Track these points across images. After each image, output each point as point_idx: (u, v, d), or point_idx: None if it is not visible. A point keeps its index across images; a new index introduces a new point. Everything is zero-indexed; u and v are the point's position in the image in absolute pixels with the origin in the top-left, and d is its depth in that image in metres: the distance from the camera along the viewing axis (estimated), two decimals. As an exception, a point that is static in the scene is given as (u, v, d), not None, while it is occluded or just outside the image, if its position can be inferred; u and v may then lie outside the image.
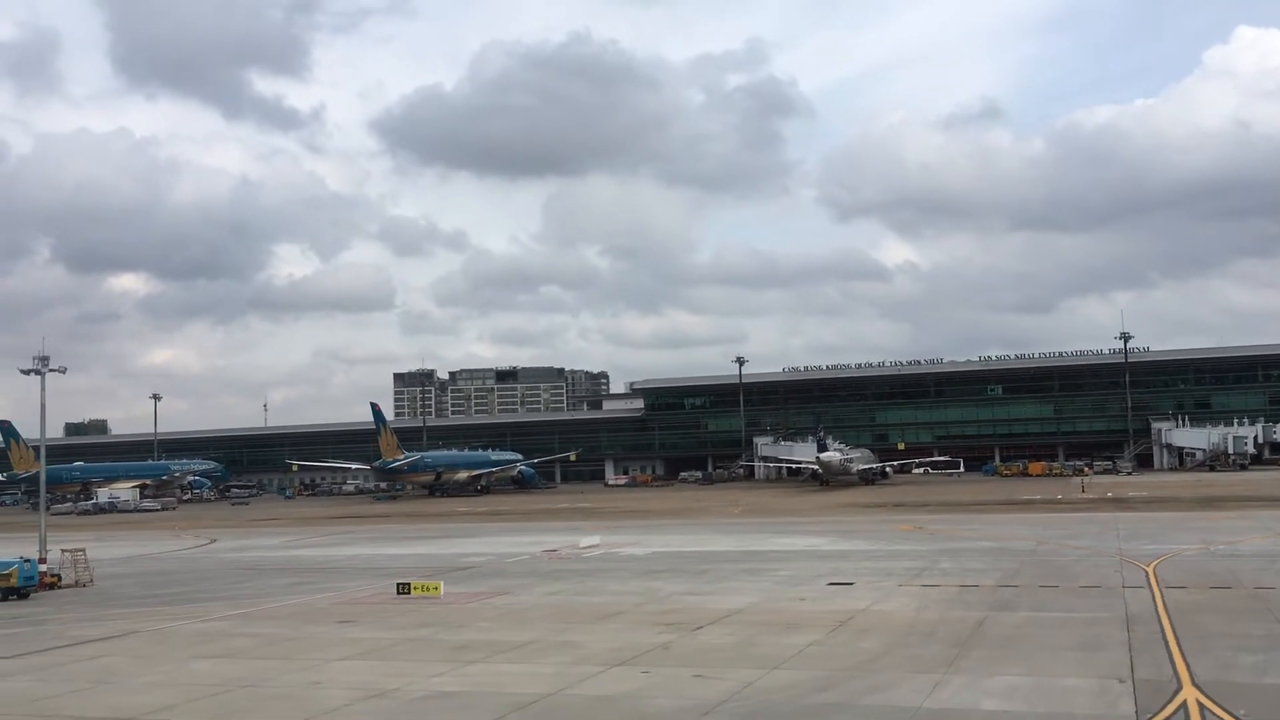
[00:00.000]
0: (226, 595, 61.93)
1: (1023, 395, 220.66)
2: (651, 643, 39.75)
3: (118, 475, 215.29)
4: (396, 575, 68.10)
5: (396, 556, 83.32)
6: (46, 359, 70.66)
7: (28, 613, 57.50)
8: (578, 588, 58.40)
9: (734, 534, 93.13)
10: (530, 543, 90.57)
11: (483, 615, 49.14)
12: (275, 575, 72.72)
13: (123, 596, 63.55)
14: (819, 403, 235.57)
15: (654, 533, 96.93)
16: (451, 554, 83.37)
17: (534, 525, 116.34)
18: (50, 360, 70.74)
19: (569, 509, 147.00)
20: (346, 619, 49.50)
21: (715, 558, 72.23)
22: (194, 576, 74.39)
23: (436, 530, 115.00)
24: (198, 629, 48.76)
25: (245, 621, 50.43)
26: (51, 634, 48.75)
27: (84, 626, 50.85)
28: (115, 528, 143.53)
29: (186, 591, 65.18)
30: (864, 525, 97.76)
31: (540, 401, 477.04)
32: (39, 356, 70.62)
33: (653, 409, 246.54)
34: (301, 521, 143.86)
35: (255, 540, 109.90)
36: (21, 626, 52.10)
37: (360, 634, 45.20)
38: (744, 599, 50.93)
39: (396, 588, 57.63)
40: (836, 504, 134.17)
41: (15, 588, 63.52)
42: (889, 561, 65.62)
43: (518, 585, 60.56)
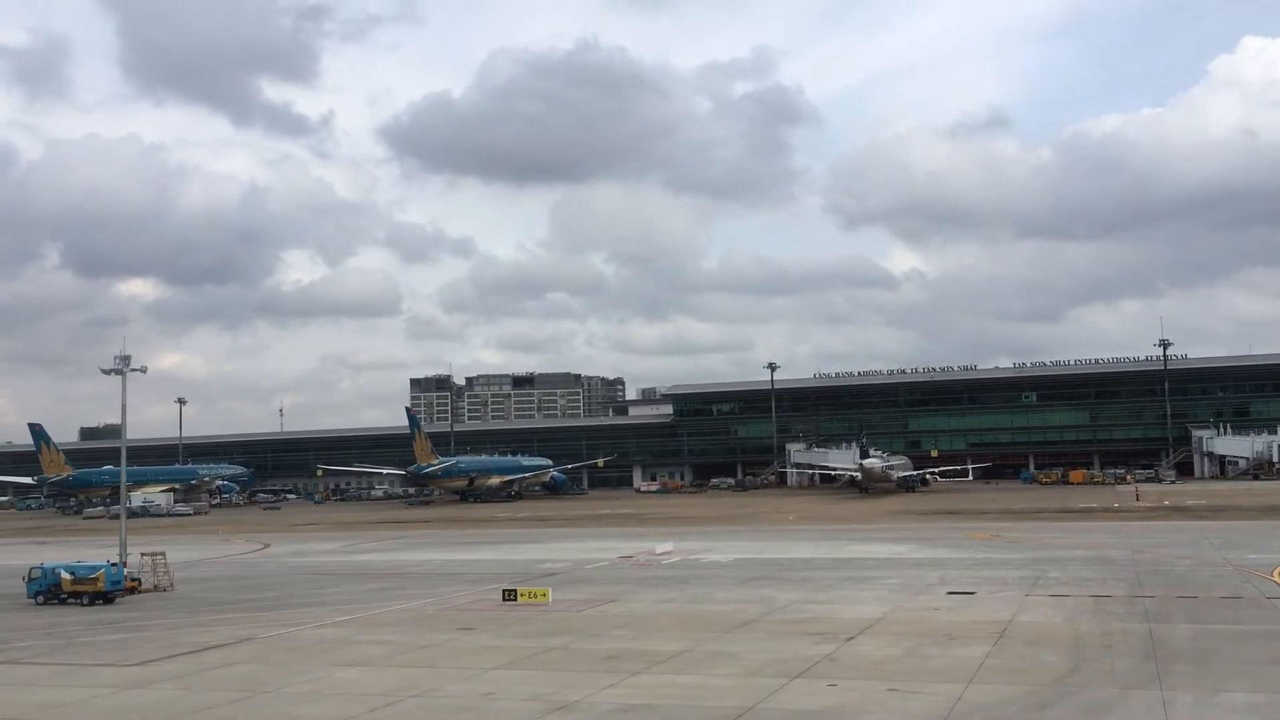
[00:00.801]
0: (318, 601, 60.53)
1: (1057, 402, 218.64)
2: (812, 653, 38.26)
3: (146, 479, 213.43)
4: (479, 581, 67.20)
5: (470, 562, 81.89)
6: (128, 358, 69.48)
7: (121, 618, 56.07)
8: (685, 595, 56.93)
9: (807, 540, 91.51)
10: (599, 548, 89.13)
11: (607, 624, 47.64)
12: (354, 581, 71.20)
13: (210, 601, 62.09)
14: (850, 409, 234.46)
15: (721, 539, 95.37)
16: (526, 560, 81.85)
17: (591, 531, 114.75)
18: (131, 360, 69.26)
19: (612, 514, 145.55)
20: (465, 626, 48.04)
21: (805, 565, 70.69)
22: (271, 582, 72.93)
23: (495, 535, 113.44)
24: (314, 635, 47.34)
25: (361, 628, 48.95)
26: (163, 640, 47.29)
27: (191, 632, 49.44)
28: (156, 532, 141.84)
29: (273, 597, 63.73)
30: (933, 533, 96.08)
31: (557, 407, 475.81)
32: (120, 356, 69.40)
33: (682, 415, 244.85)
34: (342, 526, 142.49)
35: (310, 545, 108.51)
36: (123, 632, 50.71)
37: (491, 642, 43.77)
38: (872, 608, 49.40)
39: (502, 594, 56.15)
40: (888, 511, 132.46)
41: (102, 592, 62.15)
42: (992, 570, 64.05)
43: (621, 592, 59.05)
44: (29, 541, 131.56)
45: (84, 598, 62.02)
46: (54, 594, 62.96)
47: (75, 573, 63.03)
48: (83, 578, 62.57)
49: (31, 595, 63.53)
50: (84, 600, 61.90)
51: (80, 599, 62.07)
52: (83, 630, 51.73)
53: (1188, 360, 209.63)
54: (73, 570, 63.39)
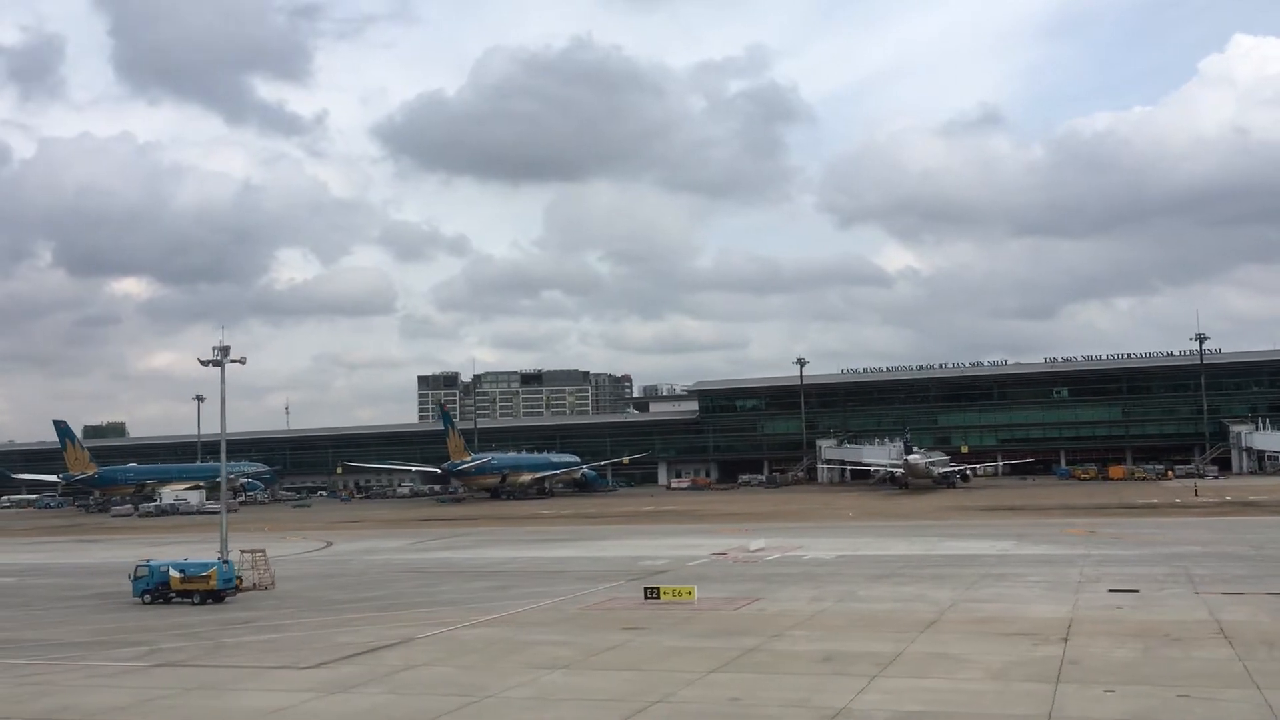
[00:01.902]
0: (439, 599, 58.52)
1: (1089, 398, 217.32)
2: (1043, 655, 36.58)
3: (171, 476, 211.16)
4: (591, 579, 65.39)
5: (562, 559, 79.92)
6: (227, 349, 67.54)
7: (247, 616, 53.99)
8: (829, 593, 55.00)
9: (896, 537, 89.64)
10: (685, 545, 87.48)
11: (778, 623, 45.74)
12: (456, 579, 69.05)
13: (324, 600, 60.02)
14: (878, 405, 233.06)
15: (804, 536, 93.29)
16: (622, 556, 79.86)
17: (658, 528, 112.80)
18: (231, 351, 67.19)
19: (659, 511, 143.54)
20: (631, 626, 46.05)
21: (922, 562, 68.90)
22: (369, 580, 70.85)
23: (558, 533, 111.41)
24: (478, 635, 45.36)
25: (519, 628, 46.93)
26: (316, 641, 45.24)
27: (340, 632, 47.45)
28: (197, 529, 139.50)
29: (386, 595, 61.65)
30: (1021, 529, 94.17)
31: (565, 405, 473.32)
32: (219, 347, 67.38)
33: (707, 411, 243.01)
34: (389, 524, 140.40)
35: (375, 543, 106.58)
36: (263, 632, 48.65)
37: (675, 642, 41.86)
38: (1050, 607, 47.66)
39: (644, 592, 54.15)
40: (945, 507, 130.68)
41: (214, 590, 60.02)
42: (1129, 567, 62.39)
43: (758, 590, 57.26)
44: (71, 540, 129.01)
45: (195, 596, 59.91)
46: (161, 593, 60.85)
47: (185, 571, 60.90)
48: (193, 576, 60.44)
49: (138, 594, 61.41)
50: (195, 599, 59.79)
51: (191, 598, 59.96)
52: (217, 630, 49.63)
53: (1222, 355, 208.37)
54: (182, 568, 61.25)
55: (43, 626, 53.48)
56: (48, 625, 53.85)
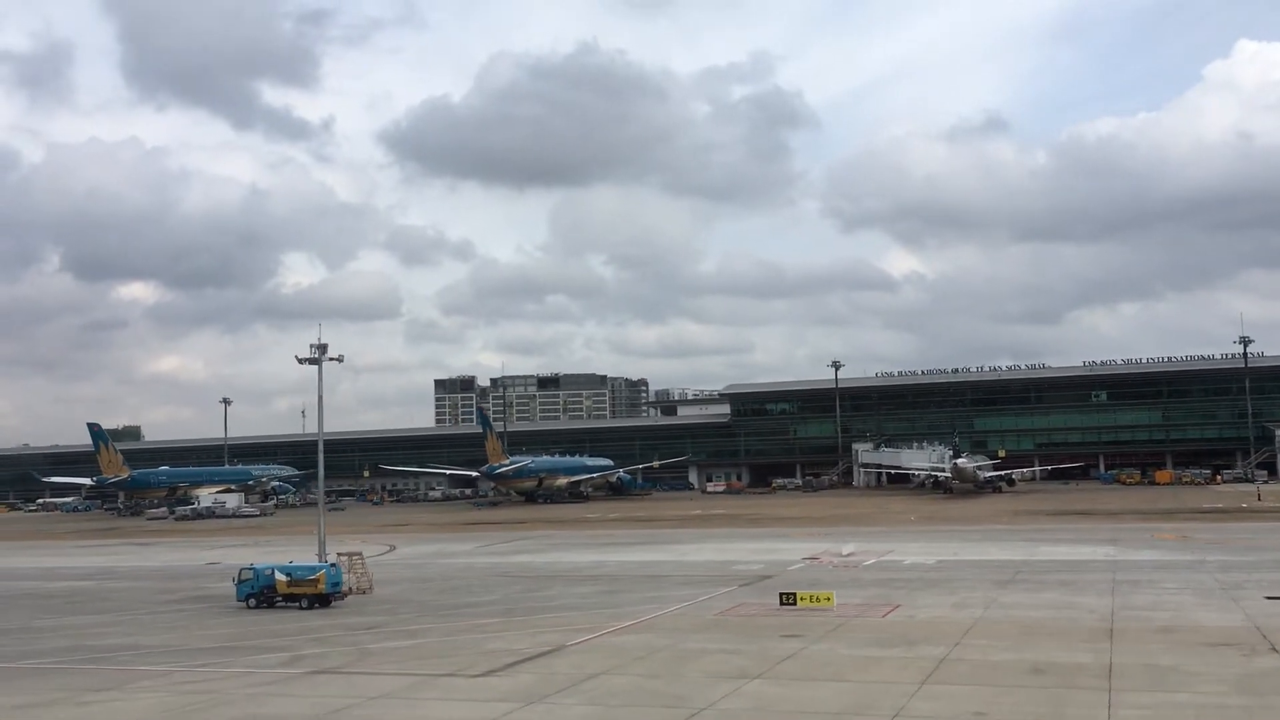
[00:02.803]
0: (556, 604, 56.79)
1: (1129, 401, 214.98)
2: (1272, 666, 34.58)
3: (202, 480, 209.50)
4: (697, 583, 64.07)
5: (654, 563, 78.17)
6: (324, 347, 65.99)
7: (366, 621, 52.24)
8: (970, 600, 53.26)
9: (988, 542, 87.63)
10: (768, 549, 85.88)
11: (944, 631, 44.03)
12: (560, 583, 67.20)
13: (432, 605, 58.25)
14: (912, 409, 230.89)
15: (884, 541, 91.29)
16: (712, 561, 78.19)
17: (722, 532, 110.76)
18: (329, 349, 65.46)
19: (707, 515, 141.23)
20: (789, 633, 44.32)
21: (1036, 568, 67.14)
22: (467, 584, 69.02)
23: (626, 536, 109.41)
24: (636, 642, 43.64)
25: (670, 634, 45.32)
26: (460, 647, 43.61)
27: (477, 638, 45.78)
28: (240, 533, 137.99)
29: (495, 600, 59.93)
30: (1103, 534, 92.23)
31: (582, 409, 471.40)
32: (316, 345, 65.55)
33: (739, 414, 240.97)
34: (438, 527, 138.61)
35: (442, 546, 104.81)
36: (395, 638, 46.91)
37: (850, 650, 40.41)
38: (1224, 616, 46.05)
39: (780, 598, 52.28)
40: (1010, 511, 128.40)
41: (322, 594, 58.25)
42: (1260, 573, 60.47)
43: (887, 596, 55.46)
44: (121, 543, 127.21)
45: (302, 601, 58.20)
46: (266, 597, 59.15)
47: (292, 574, 59.16)
48: (300, 580, 58.75)
49: (242, 598, 59.74)
50: (302, 604, 58.04)
51: (298, 602, 58.21)
52: (348, 635, 47.96)
53: (1264, 358, 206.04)
54: (288, 572, 59.51)
55: (158, 631, 51.79)
56: (162, 630, 52.15)
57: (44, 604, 65.97)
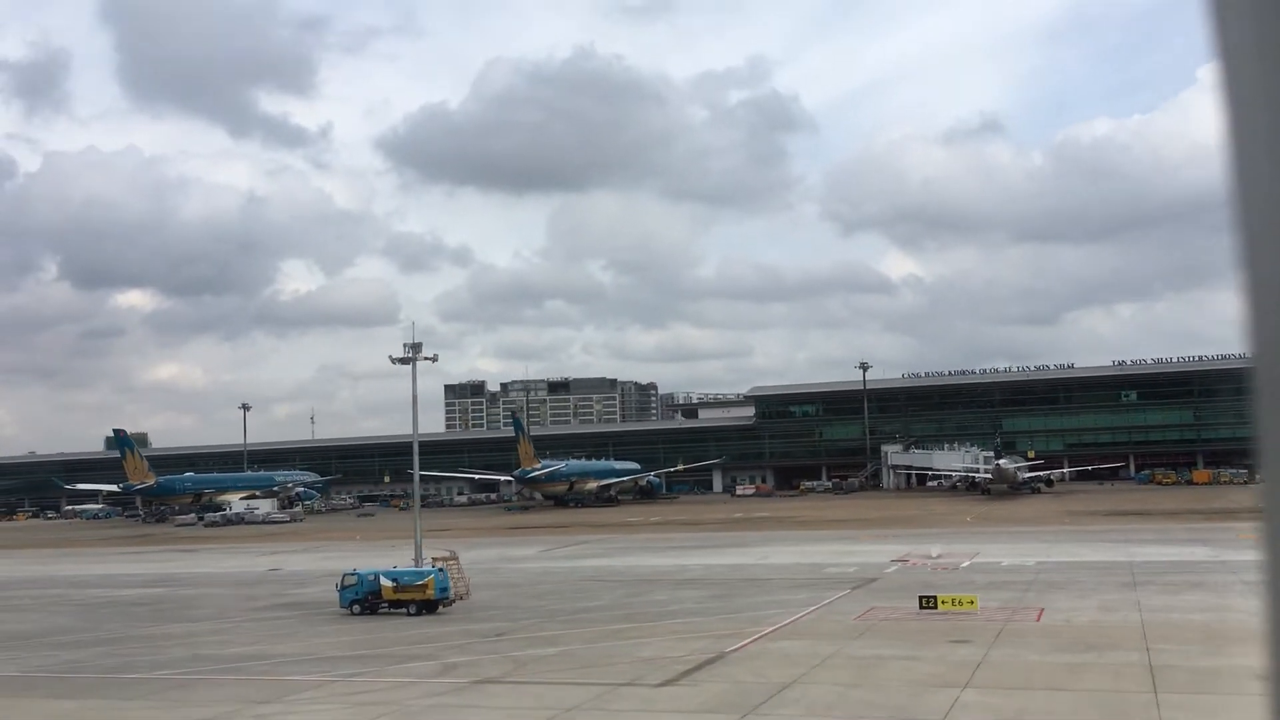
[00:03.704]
0: (677, 610, 54.98)
1: (1160, 401, 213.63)
2: None
3: (226, 486, 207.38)
4: (800, 586, 62.23)
5: (742, 567, 76.64)
6: (418, 345, 64.56)
7: (486, 629, 50.51)
8: (1112, 602, 51.70)
9: (1073, 543, 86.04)
10: (849, 551, 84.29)
11: (1114, 636, 42.52)
12: (661, 588, 65.34)
13: (543, 610, 56.52)
14: (939, 409, 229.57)
15: (960, 542, 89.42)
16: (801, 564, 76.40)
17: (789, 535, 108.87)
18: (422, 348, 63.71)
19: (751, 518, 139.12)
20: (955, 638, 42.54)
21: (1145, 569, 65.38)
22: (556, 590, 66.98)
23: (686, 540, 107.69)
24: (800, 649, 41.95)
25: (828, 640, 43.57)
26: (614, 655, 41.92)
27: (621, 645, 43.96)
28: (285, 539, 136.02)
29: (606, 605, 58.16)
30: (1180, 534, 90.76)
31: (593, 413, 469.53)
32: (409, 344, 63.88)
33: (764, 416, 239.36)
34: (478, 532, 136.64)
35: (501, 551, 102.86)
36: (534, 646, 45.13)
37: (1040, 657, 38.70)
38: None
39: (919, 601, 50.48)
40: (1060, 512, 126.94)
41: (430, 600, 56.41)
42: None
43: (1020, 599, 53.70)
44: (164, 550, 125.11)
45: (410, 607, 56.33)
46: (371, 603, 57.30)
47: (398, 580, 57.30)
48: (408, 585, 56.88)
49: (346, 604, 57.89)
50: (411, 610, 56.19)
51: (406, 608, 56.36)
52: (480, 642, 46.28)
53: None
54: (395, 577, 57.66)
55: (275, 640, 49.98)
56: (278, 638, 50.35)
57: (129, 611, 64.13)
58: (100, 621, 59.73)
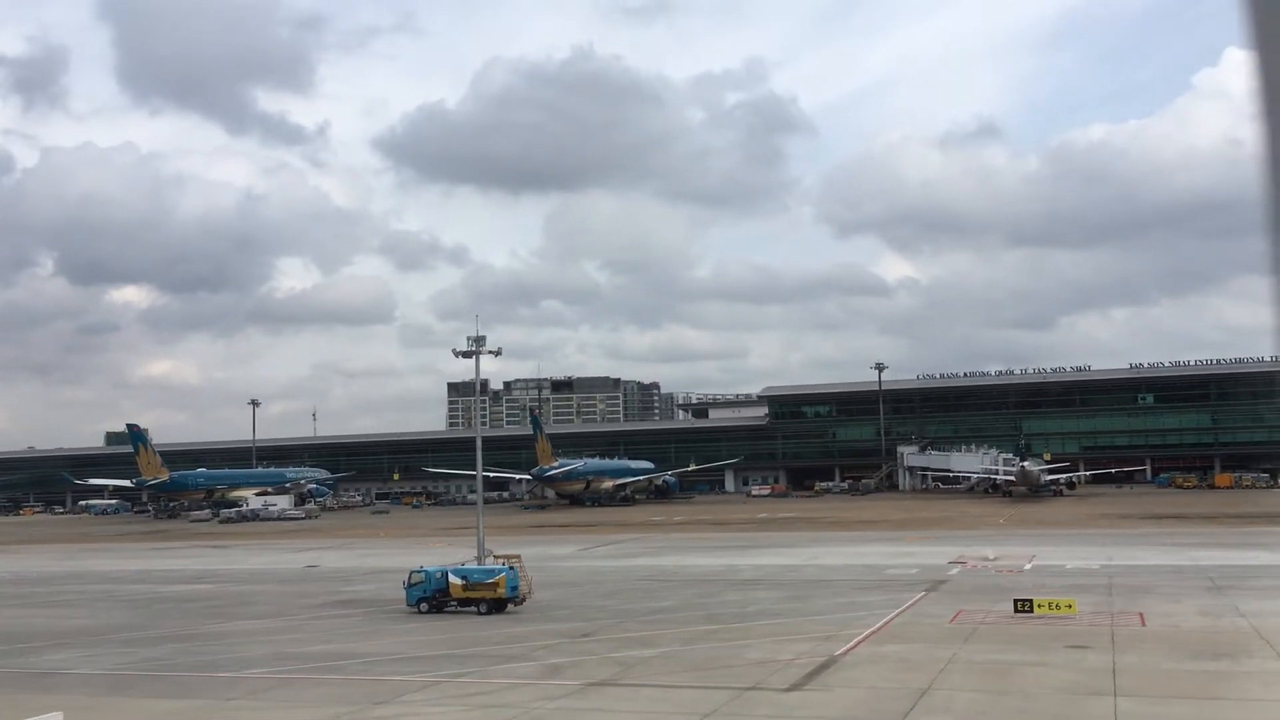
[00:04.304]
0: (757, 611, 53.63)
1: (1177, 404, 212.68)
2: None
3: (239, 482, 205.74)
4: (869, 589, 61.12)
5: (797, 567, 75.39)
6: (482, 339, 63.08)
7: (563, 629, 49.29)
8: (1210, 607, 50.69)
9: (1132, 546, 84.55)
10: (903, 553, 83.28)
11: (1239, 641, 41.45)
12: (731, 589, 63.92)
13: (615, 611, 55.26)
14: (954, 411, 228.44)
15: (1010, 544, 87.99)
16: (857, 565, 75.13)
17: (821, 536, 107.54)
18: (486, 341, 62.35)
19: (777, 518, 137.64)
20: (1072, 643, 41.35)
21: (1218, 573, 64.18)
22: (616, 591, 65.52)
23: (728, 539, 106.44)
24: (917, 653, 40.68)
25: (935, 644, 42.35)
26: (718, 657, 40.61)
27: (722, 647, 42.60)
28: (309, 536, 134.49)
29: (676, 606, 56.83)
30: (1231, 538, 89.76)
31: (596, 412, 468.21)
32: (474, 338, 62.49)
33: (777, 417, 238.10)
34: (501, 530, 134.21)
35: (537, 549, 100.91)
36: (623, 647, 43.71)
37: (1175, 665, 37.22)
38: None
39: (1014, 604, 49.19)
40: (1095, 515, 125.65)
41: (500, 599, 55.05)
42: None
43: (1107, 604, 52.39)
44: (192, 545, 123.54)
45: (481, 605, 54.96)
46: (439, 601, 55.95)
47: (468, 577, 55.94)
48: (478, 583, 55.53)
49: (413, 603, 56.57)
50: (480, 609, 54.82)
51: (476, 606, 55.00)
52: (569, 644, 45.00)
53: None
54: (464, 574, 56.31)
55: (353, 638, 48.63)
56: (357, 637, 49.00)
57: (184, 608, 62.80)
58: (157, 618, 58.35)
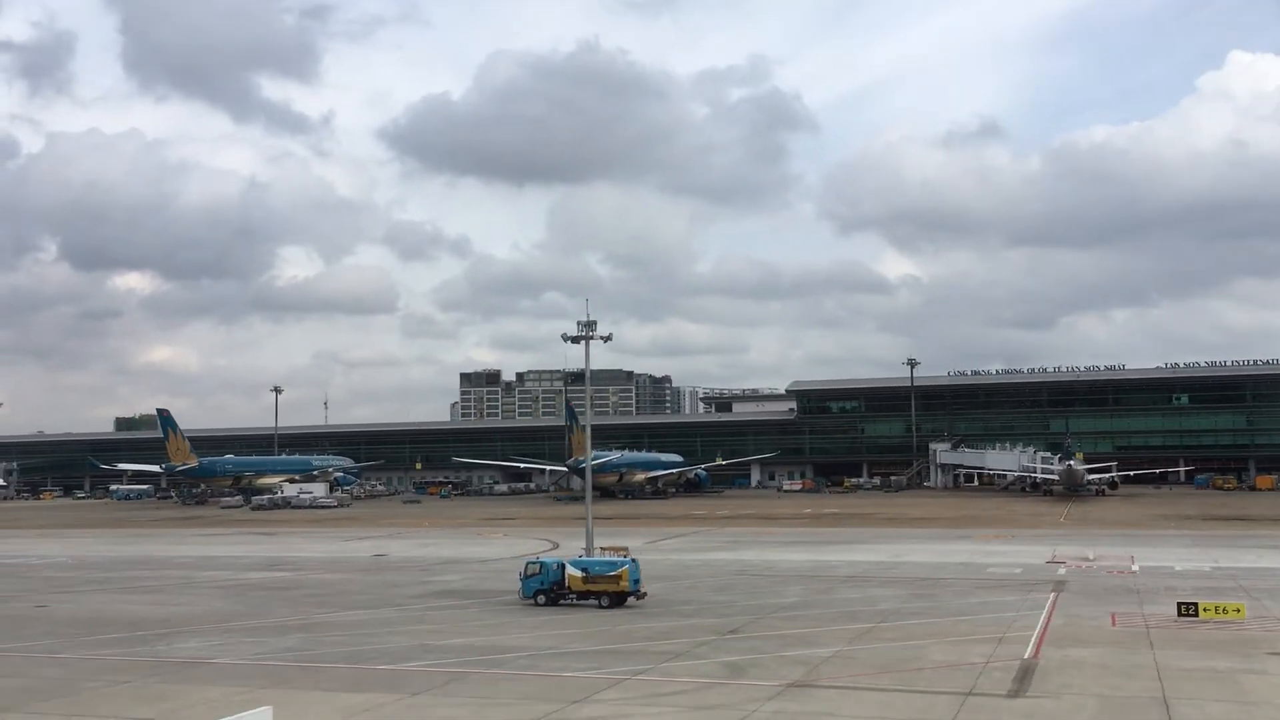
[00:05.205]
0: (887, 611, 51.86)
1: (1212, 405, 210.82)
2: None
3: (266, 469, 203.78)
4: (987, 588, 58.96)
5: (886, 564, 73.44)
6: (593, 323, 60.90)
7: (701, 624, 47.34)
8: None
9: (1210, 549, 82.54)
10: (989, 551, 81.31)
11: None
12: (845, 587, 61.90)
13: (739, 608, 52.94)
14: (985, 408, 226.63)
15: (1102, 545, 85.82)
16: (952, 563, 73.26)
17: (883, 533, 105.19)
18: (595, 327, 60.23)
19: (824, 514, 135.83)
20: (1269, 649, 39.34)
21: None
22: (723, 586, 63.52)
23: (791, 535, 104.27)
24: (1112, 658, 38.69)
25: (1123, 650, 40.46)
26: (895, 656, 38.38)
27: (898, 647, 40.56)
28: (349, 524, 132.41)
29: (799, 604, 55.00)
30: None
31: (609, 405, 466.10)
32: (584, 322, 60.45)
33: (805, 412, 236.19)
34: (542, 521, 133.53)
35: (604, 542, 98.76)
36: (793, 647, 41.80)
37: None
38: None
39: (1178, 608, 47.20)
40: (1153, 515, 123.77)
41: (624, 592, 53.02)
42: None
43: (1264, 607, 50.43)
44: (236, 532, 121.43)
45: (602, 599, 52.94)
46: (556, 594, 53.99)
47: (588, 570, 53.94)
48: (599, 575, 53.51)
49: (530, 595, 54.63)
50: (602, 602, 52.82)
51: (597, 600, 53.01)
52: (721, 640, 43.10)
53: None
54: (584, 567, 54.31)
55: (485, 632, 46.78)
56: (486, 631, 47.17)
57: (284, 596, 60.77)
58: (258, 606, 56.35)
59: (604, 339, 63.18)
